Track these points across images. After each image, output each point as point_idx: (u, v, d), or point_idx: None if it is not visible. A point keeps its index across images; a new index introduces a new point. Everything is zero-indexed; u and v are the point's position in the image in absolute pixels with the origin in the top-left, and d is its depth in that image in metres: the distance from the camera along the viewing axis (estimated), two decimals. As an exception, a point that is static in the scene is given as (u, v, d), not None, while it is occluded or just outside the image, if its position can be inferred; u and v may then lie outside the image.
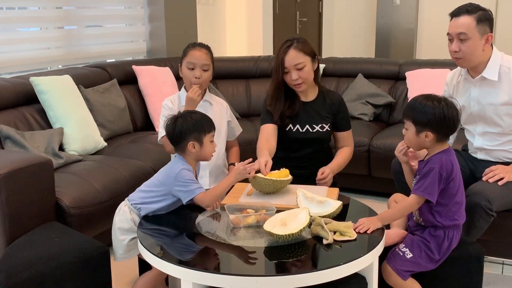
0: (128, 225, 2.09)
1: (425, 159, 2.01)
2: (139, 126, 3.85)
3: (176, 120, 2.10)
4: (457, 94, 2.59)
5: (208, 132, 2.12)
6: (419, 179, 1.96)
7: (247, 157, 2.96)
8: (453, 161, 1.96)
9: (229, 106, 2.85)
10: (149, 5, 4.66)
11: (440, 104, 1.92)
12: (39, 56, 3.77)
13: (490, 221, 2.32)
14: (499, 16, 6.30)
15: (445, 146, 1.99)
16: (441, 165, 1.92)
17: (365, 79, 4.17)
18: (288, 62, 2.48)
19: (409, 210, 2.01)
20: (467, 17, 2.34)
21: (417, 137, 1.96)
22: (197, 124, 2.10)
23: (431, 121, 1.91)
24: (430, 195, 1.92)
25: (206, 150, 2.12)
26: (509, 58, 2.46)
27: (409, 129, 1.99)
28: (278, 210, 1.99)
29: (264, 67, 4.44)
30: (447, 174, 1.93)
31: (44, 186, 2.38)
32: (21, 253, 2.01)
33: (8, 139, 2.78)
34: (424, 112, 1.92)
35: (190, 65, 2.59)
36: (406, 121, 2.00)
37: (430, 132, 1.93)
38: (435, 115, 1.91)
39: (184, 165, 2.09)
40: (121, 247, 2.11)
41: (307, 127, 2.59)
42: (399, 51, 6.82)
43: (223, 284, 1.65)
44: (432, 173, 1.91)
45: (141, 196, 2.11)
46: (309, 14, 7.09)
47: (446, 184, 1.95)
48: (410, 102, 2.01)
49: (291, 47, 2.49)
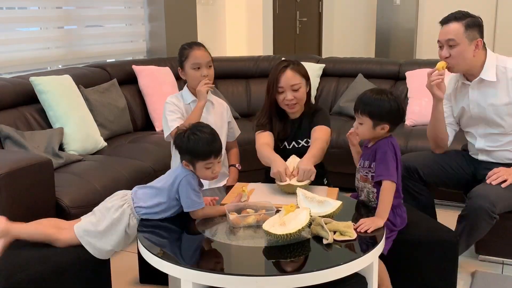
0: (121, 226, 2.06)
1: (370, 145, 2.13)
2: (139, 126, 3.85)
3: (179, 135, 2.07)
4: (456, 99, 2.60)
5: (202, 159, 2.02)
6: (379, 165, 2.05)
7: (247, 157, 2.98)
8: (395, 145, 2.08)
9: (229, 108, 2.87)
10: (149, 5, 4.67)
11: (392, 97, 2.05)
12: (39, 56, 3.77)
13: (492, 223, 2.33)
14: (499, 16, 6.30)
15: (389, 134, 2.12)
16: (390, 148, 2.05)
17: (365, 79, 4.17)
18: (284, 82, 2.49)
19: (393, 195, 2.05)
20: (455, 24, 2.38)
21: (373, 130, 2.07)
22: (191, 149, 2.02)
23: (389, 114, 2.03)
24: (392, 177, 2.03)
25: (200, 174, 2.07)
26: (504, 58, 2.48)
27: (364, 123, 2.08)
28: (278, 210, 1.99)
29: (264, 67, 4.44)
30: (396, 155, 2.07)
31: (44, 186, 2.38)
32: (20, 253, 2.01)
33: (8, 139, 2.78)
34: (380, 106, 2.03)
35: (196, 65, 2.61)
36: (361, 116, 2.08)
37: (387, 124, 2.05)
38: (391, 107, 2.03)
39: (189, 171, 2.07)
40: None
41: (293, 143, 2.60)
42: (399, 51, 6.81)
43: (223, 284, 1.65)
44: (387, 156, 2.03)
45: (148, 206, 2.06)
46: (309, 14, 7.09)
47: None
48: (363, 98, 2.09)
49: (287, 68, 2.51)
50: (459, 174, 2.62)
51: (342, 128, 3.60)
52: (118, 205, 2.08)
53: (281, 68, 2.51)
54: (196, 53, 2.63)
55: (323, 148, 2.47)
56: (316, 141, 2.47)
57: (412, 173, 2.61)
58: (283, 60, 2.60)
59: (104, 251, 2.08)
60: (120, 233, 2.06)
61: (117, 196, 2.13)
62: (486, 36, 2.47)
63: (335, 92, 4.26)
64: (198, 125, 2.10)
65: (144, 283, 2.53)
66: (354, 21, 7.30)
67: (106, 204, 2.10)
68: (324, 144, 2.48)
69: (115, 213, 2.06)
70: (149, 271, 2.37)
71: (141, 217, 2.07)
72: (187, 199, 2.03)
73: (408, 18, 6.78)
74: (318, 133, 2.52)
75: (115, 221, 2.06)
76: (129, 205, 2.08)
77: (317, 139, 2.48)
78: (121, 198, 2.10)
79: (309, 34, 7.12)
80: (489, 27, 6.03)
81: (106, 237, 2.05)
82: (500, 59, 2.47)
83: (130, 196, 2.10)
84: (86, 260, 2.06)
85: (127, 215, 2.06)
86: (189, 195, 2.03)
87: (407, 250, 2.20)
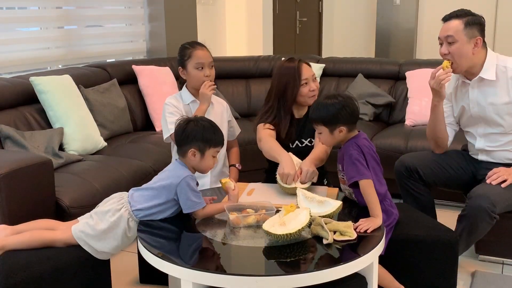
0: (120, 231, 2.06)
1: (340, 149, 2.18)
2: (139, 126, 3.85)
3: (188, 122, 2.09)
4: (456, 99, 2.60)
5: (214, 146, 2.09)
6: (347, 168, 2.08)
7: (247, 157, 2.99)
8: (361, 144, 2.09)
9: (229, 106, 2.86)
10: (149, 5, 4.66)
11: (339, 99, 2.08)
12: (39, 56, 3.77)
13: (492, 223, 2.33)
14: (499, 16, 6.30)
15: (355, 133, 2.14)
16: (355, 148, 2.07)
17: (365, 79, 4.17)
18: (307, 74, 2.51)
19: (374, 191, 2.04)
20: (455, 21, 2.39)
21: (332, 136, 2.11)
22: (206, 133, 2.07)
23: (338, 116, 2.07)
24: (364, 176, 2.03)
25: (205, 163, 2.09)
26: (504, 57, 2.48)
27: (323, 132, 2.12)
28: (278, 210, 1.99)
29: (264, 67, 4.43)
30: (363, 154, 2.07)
31: (44, 186, 2.38)
32: (20, 253, 2.01)
33: (8, 139, 2.78)
34: (329, 110, 2.08)
35: (199, 65, 2.61)
36: (317, 126, 2.14)
37: (343, 126, 2.08)
38: (338, 109, 2.06)
39: (188, 172, 2.07)
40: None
41: (296, 142, 2.59)
42: (399, 51, 6.81)
43: (223, 284, 1.65)
44: (353, 158, 2.05)
45: (145, 207, 2.06)
46: (309, 14, 7.09)
47: None
48: (313, 107, 2.15)
49: (301, 62, 2.53)
50: (459, 174, 2.62)
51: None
52: (115, 209, 2.07)
53: (297, 63, 2.52)
54: (199, 53, 2.63)
55: (326, 151, 2.48)
56: (320, 144, 2.46)
57: (412, 173, 2.61)
58: (290, 57, 2.59)
59: (102, 252, 2.08)
60: (118, 237, 2.06)
61: (114, 199, 2.12)
62: (486, 36, 2.46)
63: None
64: (201, 117, 2.19)
65: (144, 283, 2.53)
66: (354, 21, 7.30)
67: (103, 207, 2.09)
68: (328, 147, 2.48)
69: (112, 217, 2.05)
70: (149, 271, 2.37)
71: (139, 219, 2.07)
72: (187, 200, 2.03)
73: (408, 18, 6.78)
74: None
75: (112, 224, 2.05)
76: (126, 209, 2.07)
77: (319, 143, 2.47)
78: (118, 202, 2.09)
79: (309, 34, 7.12)
80: (489, 27, 6.03)
81: (103, 240, 2.05)
82: (500, 58, 2.47)
83: (126, 199, 2.10)
84: (86, 260, 2.06)
85: (125, 220, 2.06)
86: (189, 196, 2.03)
87: (407, 250, 2.20)
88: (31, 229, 2.09)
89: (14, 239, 2.03)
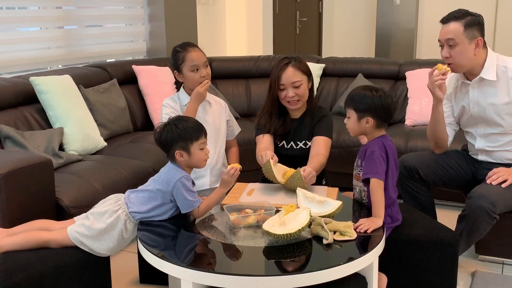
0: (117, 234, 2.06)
1: (364, 144, 2.19)
2: (139, 126, 3.85)
3: (163, 129, 2.08)
4: (457, 99, 2.60)
5: (196, 140, 2.06)
6: (366, 163, 2.10)
7: (247, 157, 2.98)
8: (387, 145, 2.11)
9: (227, 106, 2.86)
10: (149, 5, 4.66)
11: (378, 93, 2.11)
12: (39, 56, 3.77)
13: (493, 223, 2.33)
14: (499, 16, 6.30)
15: (382, 132, 2.15)
16: (380, 147, 2.09)
17: (365, 79, 4.16)
18: (285, 79, 2.50)
19: (383, 192, 2.05)
20: (454, 23, 2.38)
21: (358, 123, 2.13)
22: (182, 133, 2.05)
23: (371, 108, 2.09)
24: (378, 175, 2.05)
25: (195, 158, 2.08)
26: (504, 58, 2.48)
27: (351, 117, 2.16)
28: (278, 210, 1.99)
29: (264, 67, 4.44)
30: (386, 155, 2.09)
31: (44, 186, 2.38)
32: (20, 253, 2.01)
33: (8, 139, 2.78)
34: (364, 99, 2.11)
35: (194, 67, 2.60)
36: (348, 110, 2.17)
37: (371, 117, 2.10)
38: (374, 102, 2.09)
39: (182, 172, 2.07)
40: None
41: (291, 143, 2.60)
42: (399, 51, 6.81)
43: (223, 284, 1.65)
44: (374, 156, 2.07)
45: (143, 211, 2.06)
46: (309, 14, 7.09)
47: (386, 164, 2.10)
48: (350, 94, 2.18)
49: (289, 65, 2.52)
50: (459, 174, 2.62)
51: (342, 128, 3.58)
52: (112, 210, 2.07)
53: (282, 66, 2.52)
54: (193, 55, 2.61)
55: (322, 164, 2.48)
56: (317, 157, 2.48)
57: (412, 173, 2.61)
58: (285, 57, 2.59)
59: (99, 252, 2.08)
60: (114, 238, 2.05)
61: (111, 200, 2.12)
62: (486, 36, 2.46)
63: (335, 92, 4.26)
64: (176, 117, 2.16)
65: (144, 283, 2.53)
66: (354, 21, 7.30)
67: (100, 209, 2.09)
68: (324, 160, 2.51)
69: (109, 218, 2.05)
70: (149, 271, 2.37)
71: (137, 220, 2.07)
72: (184, 201, 2.04)
73: (408, 18, 6.78)
74: (319, 147, 2.52)
75: (109, 225, 2.05)
76: (123, 211, 2.07)
77: (317, 155, 2.49)
78: (115, 203, 2.09)
79: (309, 34, 7.12)
80: (489, 27, 6.03)
81: (99, 241, 2.05)
82: (500, 58, 2.47)
83: (123, 200, 2.10)
84: (86, 260, 2.06)
85: (122, 221, 2.05)
86: (186, 197, 2.03)
87: (407, 250, 2.20)
88: (27, 230, 2.09)
89: (8, 241, 2.03)
